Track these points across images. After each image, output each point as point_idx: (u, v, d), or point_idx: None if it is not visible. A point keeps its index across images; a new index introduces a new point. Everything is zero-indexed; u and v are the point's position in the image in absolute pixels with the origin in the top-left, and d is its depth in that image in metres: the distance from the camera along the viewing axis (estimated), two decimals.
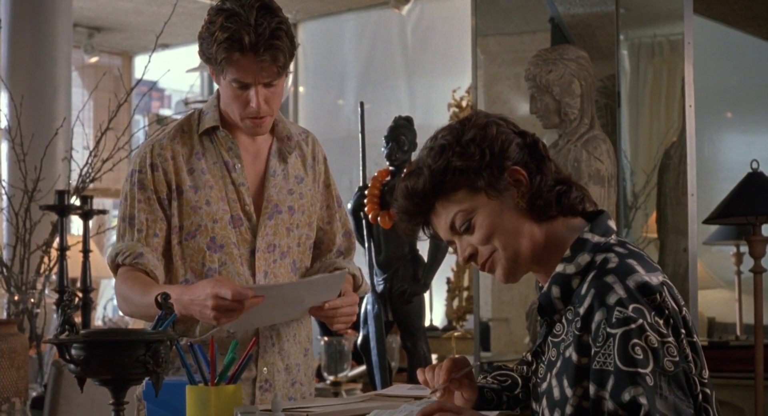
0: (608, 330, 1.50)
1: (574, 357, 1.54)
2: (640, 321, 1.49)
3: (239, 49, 2.16)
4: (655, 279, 1.55)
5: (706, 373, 1.59)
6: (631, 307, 1.50)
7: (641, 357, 1.48)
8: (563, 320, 1.61)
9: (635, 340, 1.48)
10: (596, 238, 1.63)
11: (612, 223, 1.68)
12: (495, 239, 1.65)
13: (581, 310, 1.55)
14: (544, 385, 1.62)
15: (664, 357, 1.49)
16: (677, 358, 1.51)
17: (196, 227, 2.27)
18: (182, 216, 2.28)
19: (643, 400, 1.46)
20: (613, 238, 1.64)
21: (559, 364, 1.59)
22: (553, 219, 1.66)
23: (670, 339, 1.51)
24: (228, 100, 2.27)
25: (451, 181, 1.65)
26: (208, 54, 2.20)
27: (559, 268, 1.62)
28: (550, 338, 1.65)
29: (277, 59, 2.18)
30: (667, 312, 1.52)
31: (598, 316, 1.52)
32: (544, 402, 1.61)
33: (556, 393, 1.58)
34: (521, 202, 1.64)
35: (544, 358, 1.66)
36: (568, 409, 1.55)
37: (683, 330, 1.54)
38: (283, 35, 2.18)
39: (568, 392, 1.55)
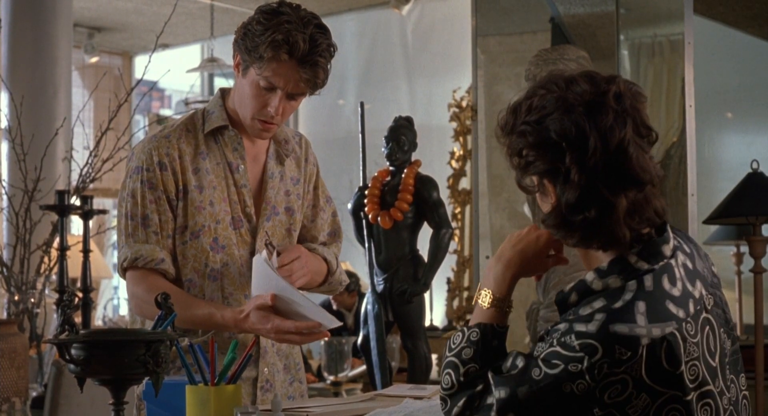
0: (555, 336, 1.52)
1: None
2: (582, 354, 1.48)
3: (288, 52, 2.17)
4: (656, 330, 1.50)
5: None
6: (585, 342, 1.49)
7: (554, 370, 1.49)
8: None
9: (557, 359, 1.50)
10: (639, 263, 1.56)
11: (667, 248, 1.58)
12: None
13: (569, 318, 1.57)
14: None
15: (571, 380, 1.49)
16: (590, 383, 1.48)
17: (200, 227, 2.27)
18: (187, 216, 2.27)
19: (503, 394, 1.52)
20: (657, 266, 1.56)
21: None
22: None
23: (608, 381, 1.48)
24: (244, 98, 2.27)
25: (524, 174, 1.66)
26: (251, 46, 2.19)
27: (589, 277, 1.58)
28: None
29: (317, 75, 2.22)
30: (629, 370, 1.48)
31: (562, 326, 1.53)
32: None
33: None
34: (549, 219, 1.60)
35: None
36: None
37: (670, 390, 1.51)
38: (329, 57, 2.23)
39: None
